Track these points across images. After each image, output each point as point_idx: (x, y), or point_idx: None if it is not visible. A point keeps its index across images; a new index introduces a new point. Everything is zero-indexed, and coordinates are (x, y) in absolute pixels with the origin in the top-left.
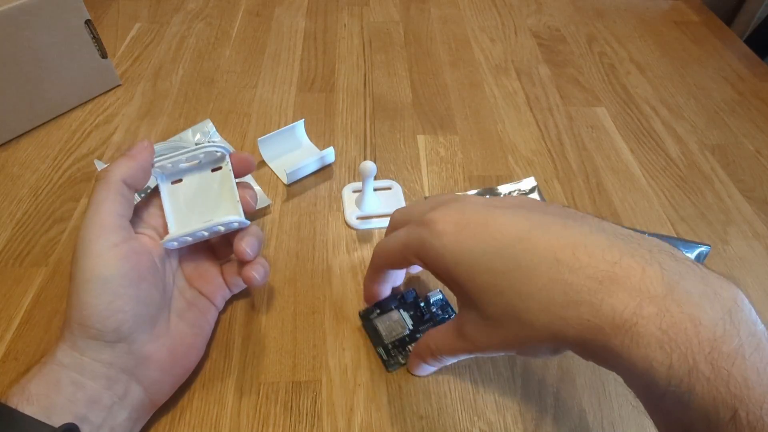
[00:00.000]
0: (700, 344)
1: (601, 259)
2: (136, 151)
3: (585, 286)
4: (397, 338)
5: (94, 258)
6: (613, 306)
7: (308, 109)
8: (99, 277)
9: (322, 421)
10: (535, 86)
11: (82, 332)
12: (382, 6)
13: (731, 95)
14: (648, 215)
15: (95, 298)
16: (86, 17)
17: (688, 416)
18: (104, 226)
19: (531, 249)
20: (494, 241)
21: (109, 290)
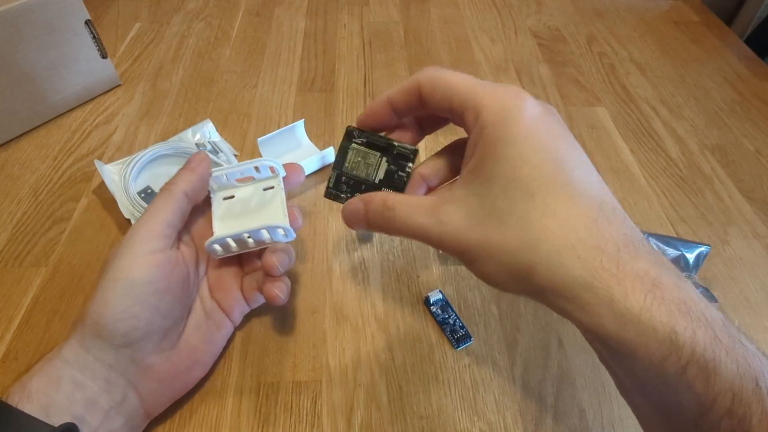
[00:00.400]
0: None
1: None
2: (195, 163)
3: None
4: (356, 177)
5: (129, 259)
6: (643, 268)
7: (308, 109)
8: (127, 279)
9: (322, 421)
10: (535, 86)
11: (94, 329)
12: (382, 6)
13: (731, 95)
14: (648, 215)
15: (117, 298)
16: (86, 17)
17: (713, 390)
18: (151, 231)
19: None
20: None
21: (133, 294)
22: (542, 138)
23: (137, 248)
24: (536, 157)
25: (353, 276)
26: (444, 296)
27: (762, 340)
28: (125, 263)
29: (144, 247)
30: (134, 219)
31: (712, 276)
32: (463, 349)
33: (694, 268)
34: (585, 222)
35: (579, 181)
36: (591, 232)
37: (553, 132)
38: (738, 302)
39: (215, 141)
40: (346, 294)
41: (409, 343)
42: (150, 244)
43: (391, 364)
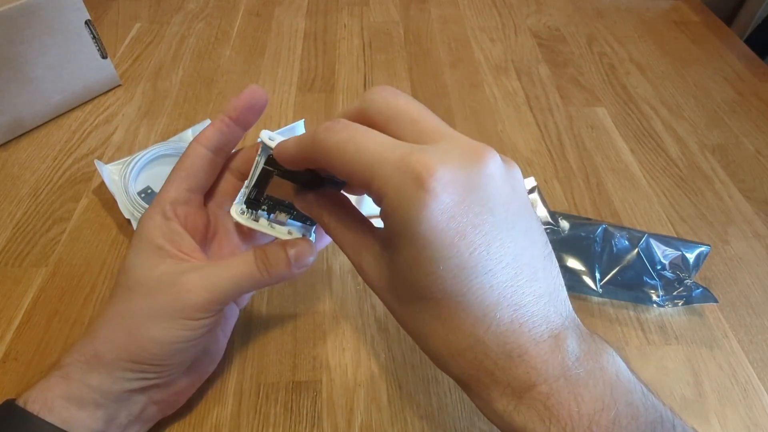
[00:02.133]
0: (580, 419)
1: (527, 335)
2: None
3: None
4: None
5: (191, 323)
6: (516, 376)
7: (308, 109)
8: (186, 339)
9: (322, 421)
10: (535, 86)
11: (128, 366)
12: (382, 6)
13: (731, 95)
14: (648, 215)
15: (171, 354)
16: (86, 17)
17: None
18: (215, 302)
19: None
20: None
21: (188, 350)
22: (444, 242)
23: (198, 315)
24: (432, 266)
25: (353, 276)
26: None
27: (762, 340)
28: (186, 325)
29: (205, 314)
30: (134, 219)
31: (712, 276)
32: None
33: (694, 268)
34: (471, 333)
35: (476, 290)
36: (472, 344)
37: (461, 230)
38: (738, 302)
39: None
40: (346, 294)
41: (409, 343)
42: (212, 311)
43: (391, 364)
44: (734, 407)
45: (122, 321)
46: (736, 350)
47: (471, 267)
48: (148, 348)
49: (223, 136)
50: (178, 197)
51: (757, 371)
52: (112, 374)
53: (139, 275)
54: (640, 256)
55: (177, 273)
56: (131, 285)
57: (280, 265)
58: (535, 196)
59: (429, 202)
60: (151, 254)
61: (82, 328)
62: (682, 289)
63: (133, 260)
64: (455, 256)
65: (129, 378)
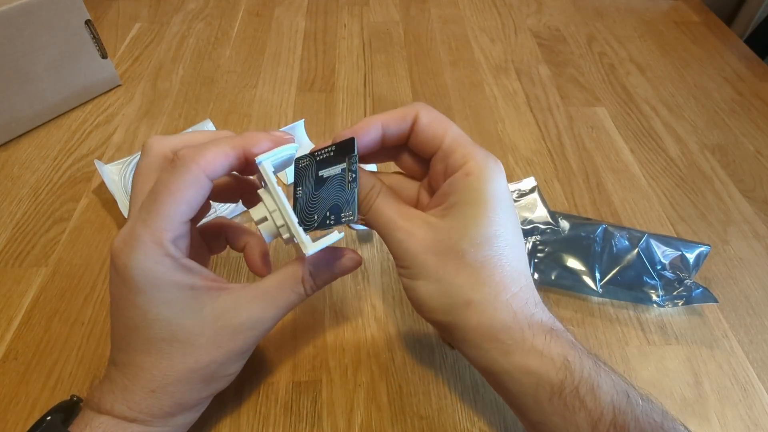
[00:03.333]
0: (591, 354)
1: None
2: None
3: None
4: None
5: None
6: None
7: (308, 109)
8: (235, 351)
9: (322, 421)
10: (535, 86)
11: (205, 401)
12: (382, 6)
13: (731, 95)
14: (648, 215)
15: (237, 365)
16: (86, 17)
17: (600, 404)
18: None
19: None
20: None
21: (247, 357)
22: (507, 205)
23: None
24: (503, 217)
25: (353, 276)
26: None
27: (762, 340)
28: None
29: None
30: None
31: (712, 276)
32: None
33: (694, 268)
34: (518, 279)
35: (520, 248)
36: (521, 288)
37: (512, 203)
38: (738, 302)
39: None
40: (346, 294)
41: (409, 343)
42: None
43: (391, 364)
44: (734, 407)
45: (196, 374)
46: (736, 350)
47: (519, 232)
48: (225, 381)
49: (230, 168)
50: (180, 233)
51: (757, 371)
52: (194, 410)
53: (190, 325)
54: (640, 256)
55: (231, 314)
56: (185, 339)
57: (327, 280)
58: (535, 196)
59: (504, 174)
60: (186, 300)
61: (83, 328)
62: (682, 289)
63: (168, 314)
64: (515, 217)
65: (207, 404)
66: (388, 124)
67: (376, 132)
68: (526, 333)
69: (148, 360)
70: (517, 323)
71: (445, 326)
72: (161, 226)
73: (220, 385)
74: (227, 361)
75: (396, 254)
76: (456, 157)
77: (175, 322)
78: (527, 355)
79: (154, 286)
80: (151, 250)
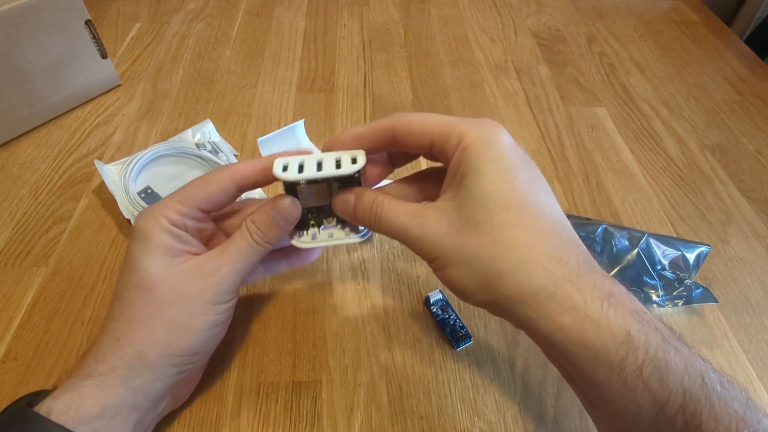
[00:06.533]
0: (662, 327)
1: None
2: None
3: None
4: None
5: (218, 306)
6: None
7: (308, 109)
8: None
9: (322, 421)
10: (535, 86)
11: (173, 360)
12: (382, 6)
13: (731, 95)
14: (648, 215)
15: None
16: (86, 17)
17: (666, 388)
18: (236, 282)
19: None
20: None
21: (217, 335)
22: (516, 161)
23: (223, 298)
24: (511, 176)
25: (353, 276)
26: (444, 296)
27: (762, 340)
28: (213, 310)
29: (228, 297)
30: (134, 219)
31: (712, 276)
32: (463, 349)
33: (694, 268)
34: (551, 237)
35: (545, 203)
36: (555, 246)
37: (524, 159)
38: (738, 302)
39: (215, 141)
40: (346, 294)
41: (409, 343)
42: (233, 293)
43: (391, 364)
44: None
45: (157, 320)
46: (736, 350)
47: (538, 185)
48: (189, 338)
49: (257, 179)
50: (189, 213)
51: (757, 371)
52: (155, 372)
53: (156, 275)
54: (640, 256)
55: (193, 266)
56: (150, 286)
57: (270, 227)
58: None
59: (504, 134)
60: (163, 255)
61: (83, 327)
62: (682, 289)
63: (144, 262)
64: (526, 172)
65: (171, 374)
66: (364, 137)
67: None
68: (576, 300)
69: (119, 308)
70: (562, 288)
71: (491, 305)
72: (177, 200)
73: (183, 342)
74: (186, 308)
75: (419, 251)
76: (452, 140)
77: (145, 270)
78: (581, 326)
79: (145, 237)
80: (158, 211)
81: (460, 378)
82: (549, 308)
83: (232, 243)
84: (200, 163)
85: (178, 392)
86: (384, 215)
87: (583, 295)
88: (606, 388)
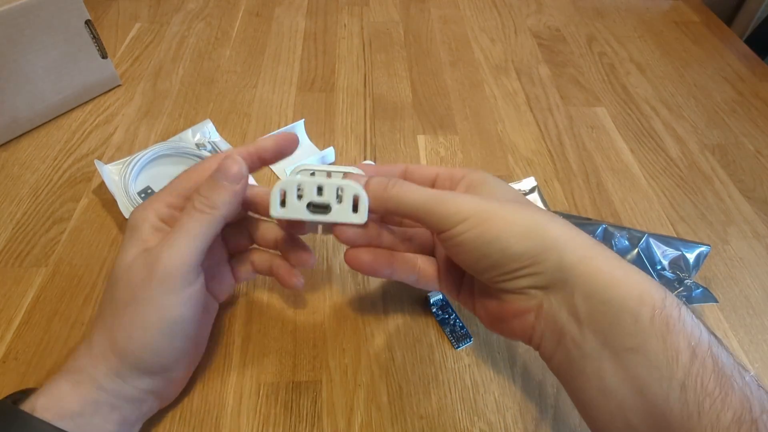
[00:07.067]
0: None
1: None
2: (235, 181)
3: None
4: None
5: (169, 299)
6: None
7: (308, 109)
8: (168, 319)
9: (322, 421)
10: (535, 86)
11: (132, 362)
12: (382, 6)
13: (731, 95)
14: (648, 215)
15: (158, 337)
16: (86, 17)
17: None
18: (186, 264)
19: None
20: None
21: (174, 332)
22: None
23: (173, 284)
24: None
25: (353, 276)
26: (444, 296)
27: (762, 340)
28: (165, 302)
29: (181, 283)
30: None
31: (712, 276)
32: (463, 349)
33: (694, 268)
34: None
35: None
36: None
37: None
38: (738, 302)
39: (215, 141)
40: (346, 294)
41: (409, 343)
42: (186, 278)
43: (391, 364)
44: None
45: (115, 321)
46: (736, 350)
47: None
48: (145, 340)
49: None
50: (179, 204)
51: (757, 371)
52: (122, 377)
53: (132, 265)
54: (640, 256)
55: (144, 254)
56: (112, 281)
57: (213, 191)
58: (535, 196)
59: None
60: (138, 248)
61: (82, 328)
62: (682, 289)
63: (120, 256)
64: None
65: (140, 379)
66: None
67: None
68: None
69: (104, 299)
70: (599, 244)
71: (525, 258)
72: (167, 190)
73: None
74: (139, 303)
75: (446, 213)
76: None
77: (126, 263)
78: (626, 268)
79: (131, 231)
80: (149, 206)
81: (460, 378)
82: (597, 251)
83: (177, 221)
84: None
85: (163, 393)
86: (404, 187)
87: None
88: (648, 333)
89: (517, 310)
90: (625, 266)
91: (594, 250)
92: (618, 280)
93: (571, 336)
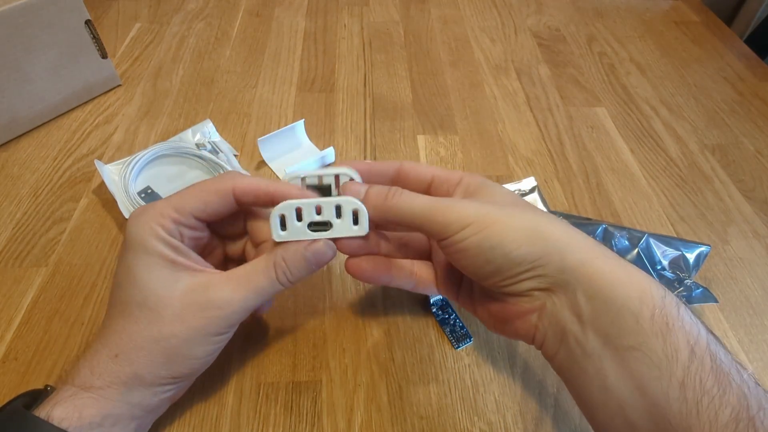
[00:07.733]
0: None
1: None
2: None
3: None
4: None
5: (221, 336)
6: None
7: (308, 109)
8: (215, 351)
9: (322, 421)
10: (535, 86)
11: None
12: (382, 6)
13: (731, 95)
14: (648, 215)
15: (203, 365)
16: (86, 17)
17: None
18: (244, 314)
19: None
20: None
21: (216, 353)
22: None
23: (227, 327)
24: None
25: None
26: (444, 296)
27: (762, 340)
28: (215, 339)
29: (233, 326)
30: None
31: (712, 276)
32: (463, 349)
33: (694, 268)
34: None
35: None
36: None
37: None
38: (738, 302)
39: (215, 141)
40: (346, 294)
41: (409, 343)
42: (238, 322)
43: (391, 364)
44: None
45: (158, 345)
46: (736, 350)
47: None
48: (188, 365)
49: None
50: (185, 221)
51: (757, 371)
52: (152, 390)
53: (161, 295)
54: (640, 256)
55: (201, 291)
56: (154, 307)
57: (301, 270)
58: (535, 196)
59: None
60: (164, 269)
61: (82, 328)
62: (682, 289)
63: (146, 278)
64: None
65: (167, 389)
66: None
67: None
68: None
69: (119, 322)
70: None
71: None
72: (173, 206)
73: (182, 369)
74: (190, 338)
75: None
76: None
77: (148, 288)
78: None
79: (143, 248)
80: (152, 219)
81: (460, 378)
82: (598, 252)
83: (253, 276)
84: (200, 163)
85: (179, 393)
86: (404, 197)
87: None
88: (649, 331)
89: (520, 311)
90: (625, 266)
91: (595, 251)
92: (620, 279)
93: (574, 335)
